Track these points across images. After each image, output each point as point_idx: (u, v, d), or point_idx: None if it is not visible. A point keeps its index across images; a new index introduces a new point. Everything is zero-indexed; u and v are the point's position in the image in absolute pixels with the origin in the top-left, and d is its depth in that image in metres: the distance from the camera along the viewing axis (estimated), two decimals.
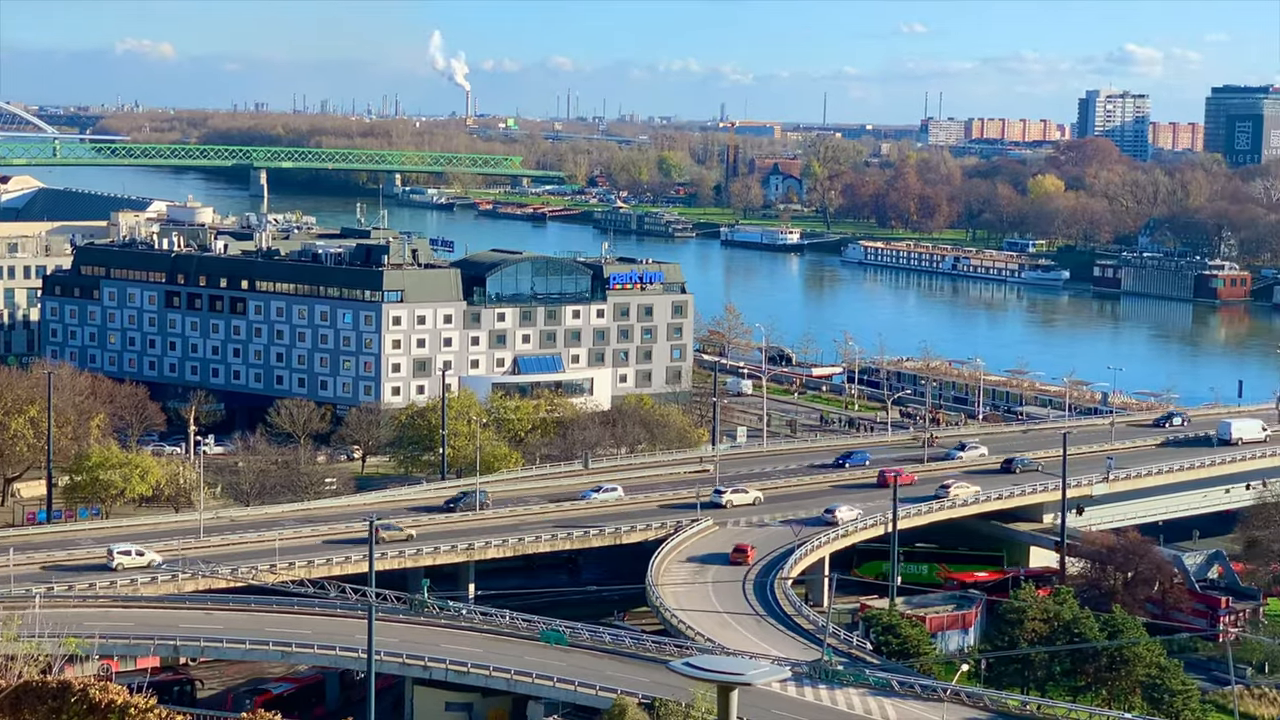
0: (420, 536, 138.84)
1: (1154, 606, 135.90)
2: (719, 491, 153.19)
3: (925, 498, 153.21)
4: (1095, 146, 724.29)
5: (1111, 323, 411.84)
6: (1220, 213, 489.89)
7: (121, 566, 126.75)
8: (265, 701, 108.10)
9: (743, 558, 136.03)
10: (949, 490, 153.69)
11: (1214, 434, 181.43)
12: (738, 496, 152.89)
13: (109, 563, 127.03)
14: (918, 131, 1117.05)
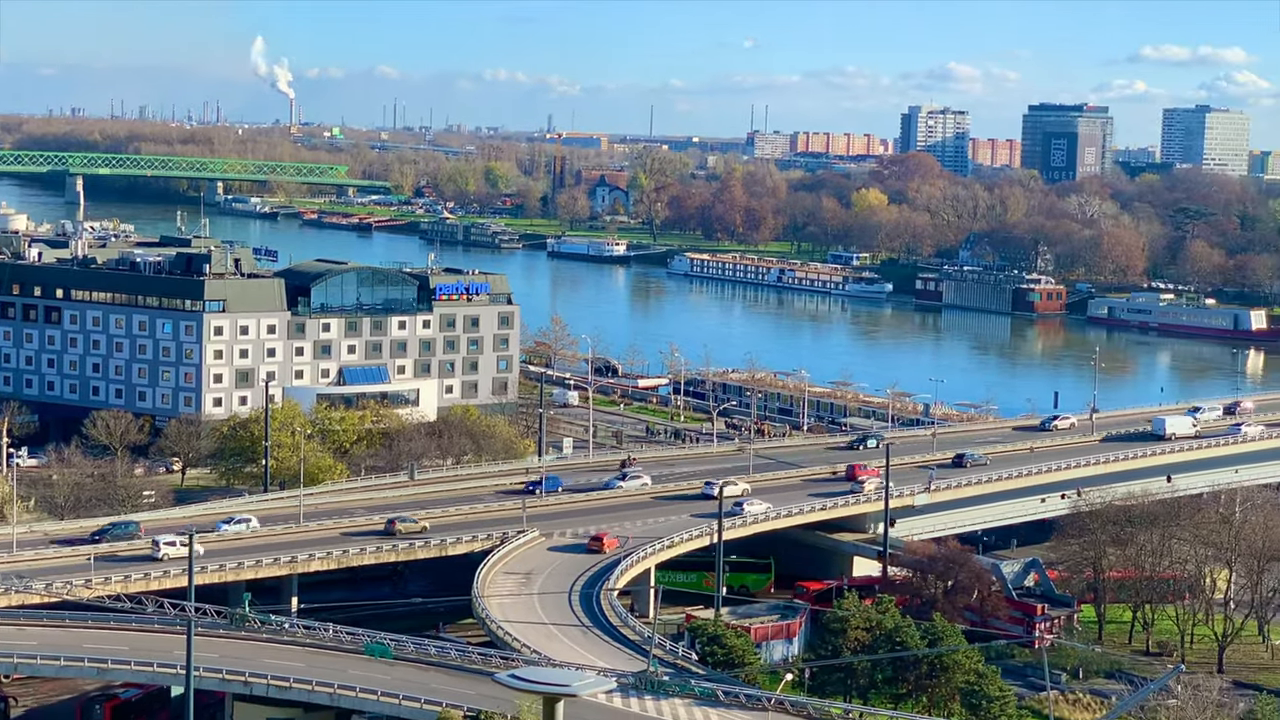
0: (240, 550, 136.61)
1: (973, 614, 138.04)
2: (710, 484, 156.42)
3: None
4: (917, 161, 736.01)
5: (933, 335, 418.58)
6: (1037, 228, 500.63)
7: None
8: (115, 707, 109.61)
9: (599, 545, 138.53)
10: (743, 507, 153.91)
11: (1149, 429, 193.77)
12: (728, 489, 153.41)
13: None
14: (744, 144, 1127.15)
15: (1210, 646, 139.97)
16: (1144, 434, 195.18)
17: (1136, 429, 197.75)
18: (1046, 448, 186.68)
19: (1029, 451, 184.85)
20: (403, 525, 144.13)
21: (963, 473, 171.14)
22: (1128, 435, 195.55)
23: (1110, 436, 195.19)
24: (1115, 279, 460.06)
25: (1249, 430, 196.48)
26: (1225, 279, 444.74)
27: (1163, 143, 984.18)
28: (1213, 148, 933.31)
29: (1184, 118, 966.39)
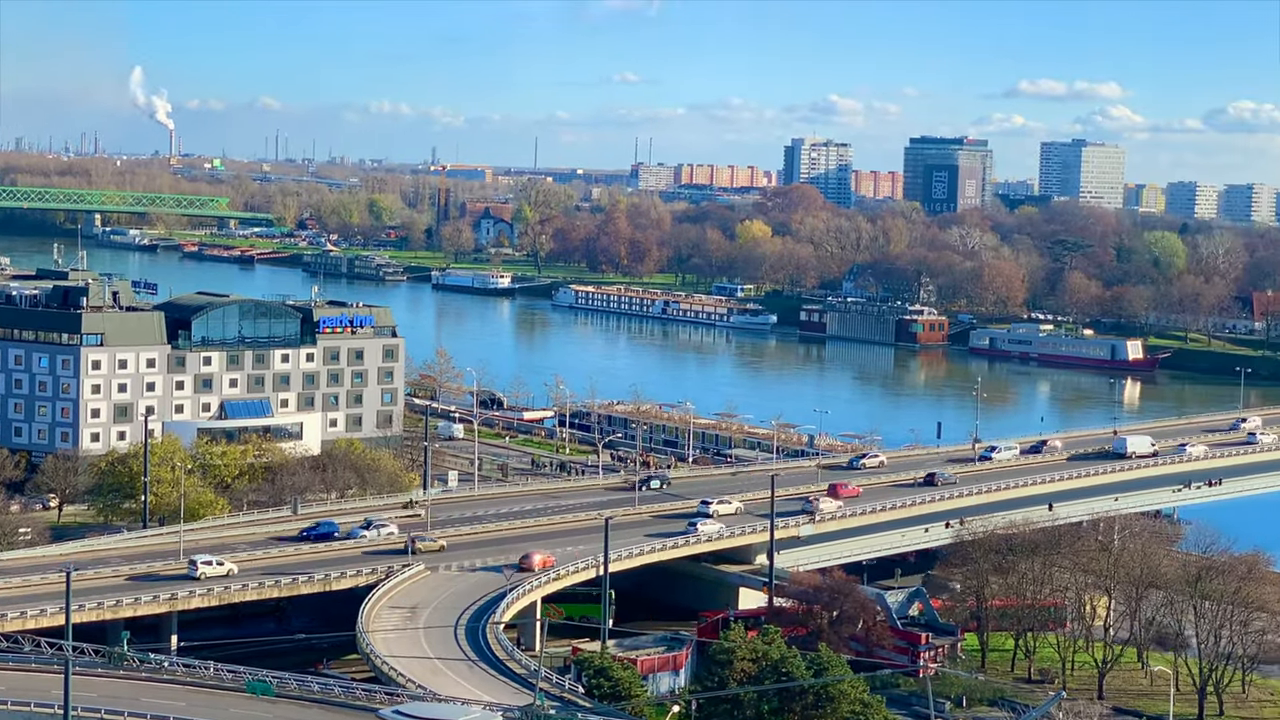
0: (118, 587, 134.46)
1: (858, 644, 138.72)
2: (705, 503, 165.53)
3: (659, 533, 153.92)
4: (801, 193, 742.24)
5: (817, 366, 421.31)
6: (919, 259, 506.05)
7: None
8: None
9: (529, 565, 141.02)
10: (697, 527, 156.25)
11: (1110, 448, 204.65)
12: (722, 507, 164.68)
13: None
14: (629, 176, 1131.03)
15: (1090, 673, 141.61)
16: (1106, 453, 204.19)
17: (1100, 448, 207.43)
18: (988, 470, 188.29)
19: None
20: (422, 545, 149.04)
21: (848, 504, 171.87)
22: (1092, 455, 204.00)
23: (1076, 456, 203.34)
24: (996, 310, 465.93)
25: (1193, 450, 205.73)
26: (1103, 310, 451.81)
27: (1041, 176, 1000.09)
28: (1089, 181, 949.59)
29: (1061, 151, 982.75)
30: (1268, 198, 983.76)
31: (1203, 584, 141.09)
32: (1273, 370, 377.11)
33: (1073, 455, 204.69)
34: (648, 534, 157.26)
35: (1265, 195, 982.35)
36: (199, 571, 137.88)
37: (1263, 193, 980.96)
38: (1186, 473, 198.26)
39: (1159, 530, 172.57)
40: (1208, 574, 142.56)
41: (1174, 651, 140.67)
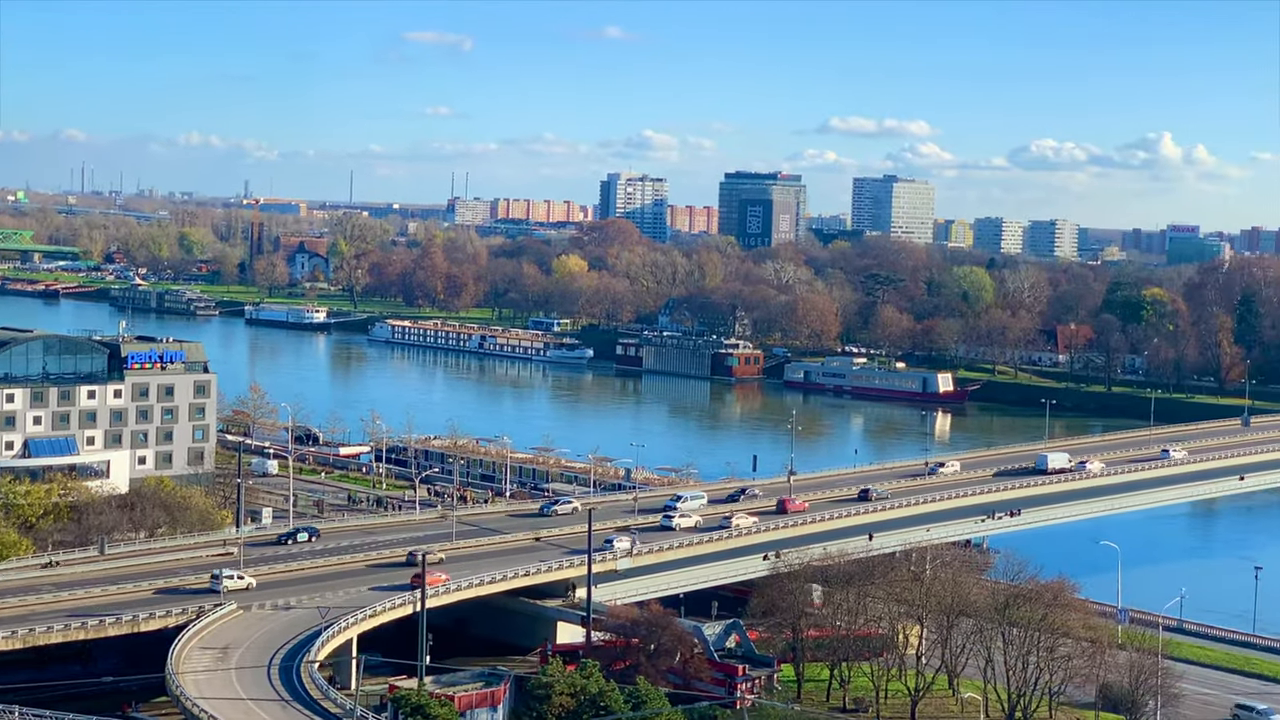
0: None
1: (675, 676, 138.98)
2: (670, 504, 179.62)
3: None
4: (617, 228, 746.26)
5: (634, 400, 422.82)
6: (735, 293, 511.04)
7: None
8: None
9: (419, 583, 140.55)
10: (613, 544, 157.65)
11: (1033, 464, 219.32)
12: (688, 511, 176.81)
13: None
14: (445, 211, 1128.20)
15: (904, 701, 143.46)
16: (1029, 469, 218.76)
17: (1022, 465, 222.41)
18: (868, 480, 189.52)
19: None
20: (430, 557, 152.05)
21: (666, 537, 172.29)
22: (1016, 470, 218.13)
23: (1001, 472, 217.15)
24: (810, 343, 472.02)
25: (1092, 467, 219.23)
26: (914, 343, 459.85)
27: (853, 211, 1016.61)
28: (900, 216, 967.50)
29: (873, 187, 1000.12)
30: (1070, 233, 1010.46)
31: (1010, 611, 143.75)
32: (1076, 402, 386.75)
33: (998, 471, 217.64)
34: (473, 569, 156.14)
35: (1068, 231, 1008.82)
36: (222, 586, 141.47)
37: (1065, 228, 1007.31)
38: (991, 503, 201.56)
39: (969, 560, 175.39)
40: (1015, 602, 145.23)
41: (984, 678, 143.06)
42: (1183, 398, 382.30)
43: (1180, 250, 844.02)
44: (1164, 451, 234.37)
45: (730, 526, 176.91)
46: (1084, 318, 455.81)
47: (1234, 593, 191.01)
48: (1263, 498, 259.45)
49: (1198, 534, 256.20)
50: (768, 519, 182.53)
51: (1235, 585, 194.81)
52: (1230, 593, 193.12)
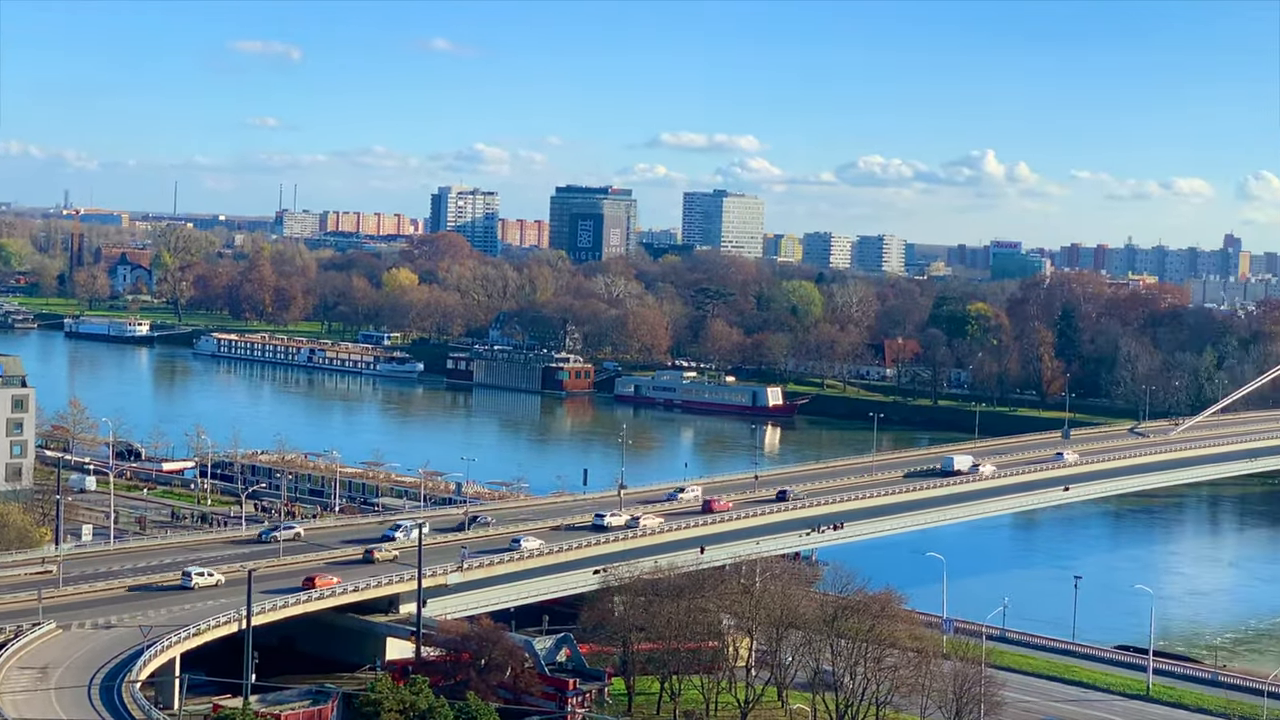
0: None
1: (506, 691, 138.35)
2: (600, 515, 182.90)
3: (285, 590, 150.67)
4: (448, 241, 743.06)
5: (465, 414, 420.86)
6: (566, 307, 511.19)
7: None
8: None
9: (310, 584, 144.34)
10: (314, 582, 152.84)
11: (939, 466, 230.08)
12: (615, 520, 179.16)
13: None
14: (273, 223, 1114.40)
15: (734, 713, 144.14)
16: (935, 470, 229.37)
17: (930, 467, 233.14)
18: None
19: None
20: (380, 554, 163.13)
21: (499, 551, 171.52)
22: (924, 472, 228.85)
23: (910, 474, 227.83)
24: (641, 357, 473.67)
25: (984, 469, 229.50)
26: (744, 357, 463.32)
27: (684, 225, 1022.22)
28: (730, 230, 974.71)
29: (703, 201, 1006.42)
30: (897, 248, 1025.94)
31: (839, 623, 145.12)
32: (904, 415, 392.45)
33: (907, 473, 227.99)
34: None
35: (895, 246, 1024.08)
36: (193, 583, 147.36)
37: (892, 243, 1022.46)
38: (815, 517, 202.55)
39: (798, 572, 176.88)
40: (844, 613, 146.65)
41: (812, 690, 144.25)
42: (1006, 411, 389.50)
43: (1003, 266, 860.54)
44: (972, 467, 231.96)
45: (638, 526, 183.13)
46: (911, 332, 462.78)
47: (1055, 602, 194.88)
48: (1082, 508, 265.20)
49: (1020, 545, 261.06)
50: (679, 519, 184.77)
51: (1056, 594, 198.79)
52: (1051, 602, 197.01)
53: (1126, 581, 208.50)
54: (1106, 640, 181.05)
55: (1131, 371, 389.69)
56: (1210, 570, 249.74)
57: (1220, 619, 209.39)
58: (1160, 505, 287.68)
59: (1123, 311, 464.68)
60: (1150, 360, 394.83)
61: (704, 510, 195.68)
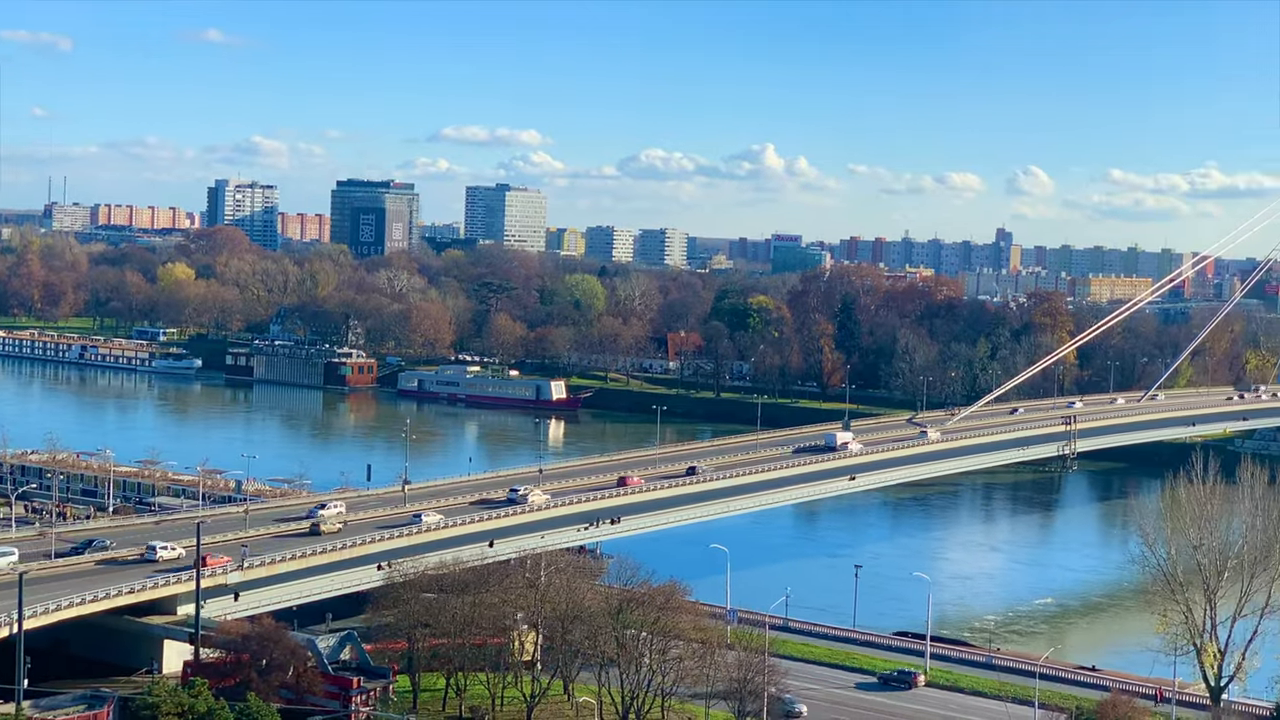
0: None
1: (288, 692, 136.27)
2: (515, 490, 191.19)
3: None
4: (226, 235, 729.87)
5: (245, 410, 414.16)
6: (348, 302, 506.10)
7: None
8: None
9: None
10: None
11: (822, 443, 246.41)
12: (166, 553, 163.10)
13: None
14: (42, 216, 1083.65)
15: (520, 708, 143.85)
16: (819, 446, 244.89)
17: (816, 443, 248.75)
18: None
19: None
20: (326, 526, 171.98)
21: (280, 549, 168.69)
22: (810, 448, 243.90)
23: (798, 449, 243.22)
24: (425, 352, 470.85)
25: (853, 447, 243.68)
26: (528, 351, 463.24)
27: (466, 219, 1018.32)
28: (513, 225, 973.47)
29: (486, 195, 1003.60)
30: (679, 242, 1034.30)
31: (624, 615, 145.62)
32: (687, 408, 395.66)
33: (796, 449, 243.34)
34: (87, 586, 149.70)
35: (677, 239, 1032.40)
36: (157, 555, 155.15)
37: (674, 237, 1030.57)
38: (592, 511, 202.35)
39: (583, 565, 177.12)
40: (628, 606, 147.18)
41: (598, 682, 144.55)
42: (788, 403, 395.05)
43: (784, 259, 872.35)
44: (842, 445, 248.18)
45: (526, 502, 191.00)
46: (693, 325, 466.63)
47: (836, 590, 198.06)
48: (863, 498, 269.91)
49: (802, 535, 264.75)
50: (463, 514, 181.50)
51: (837, 583, 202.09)
52: (832, 590, 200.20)
53: (904, 569, 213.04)
54: (885, 627, 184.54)
55: (909, 363, 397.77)
56: (983, 556, 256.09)
57: (993, 603, 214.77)
58: (937, 494, 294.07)
59: (900, 304, 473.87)
60: (927, 351, 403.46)
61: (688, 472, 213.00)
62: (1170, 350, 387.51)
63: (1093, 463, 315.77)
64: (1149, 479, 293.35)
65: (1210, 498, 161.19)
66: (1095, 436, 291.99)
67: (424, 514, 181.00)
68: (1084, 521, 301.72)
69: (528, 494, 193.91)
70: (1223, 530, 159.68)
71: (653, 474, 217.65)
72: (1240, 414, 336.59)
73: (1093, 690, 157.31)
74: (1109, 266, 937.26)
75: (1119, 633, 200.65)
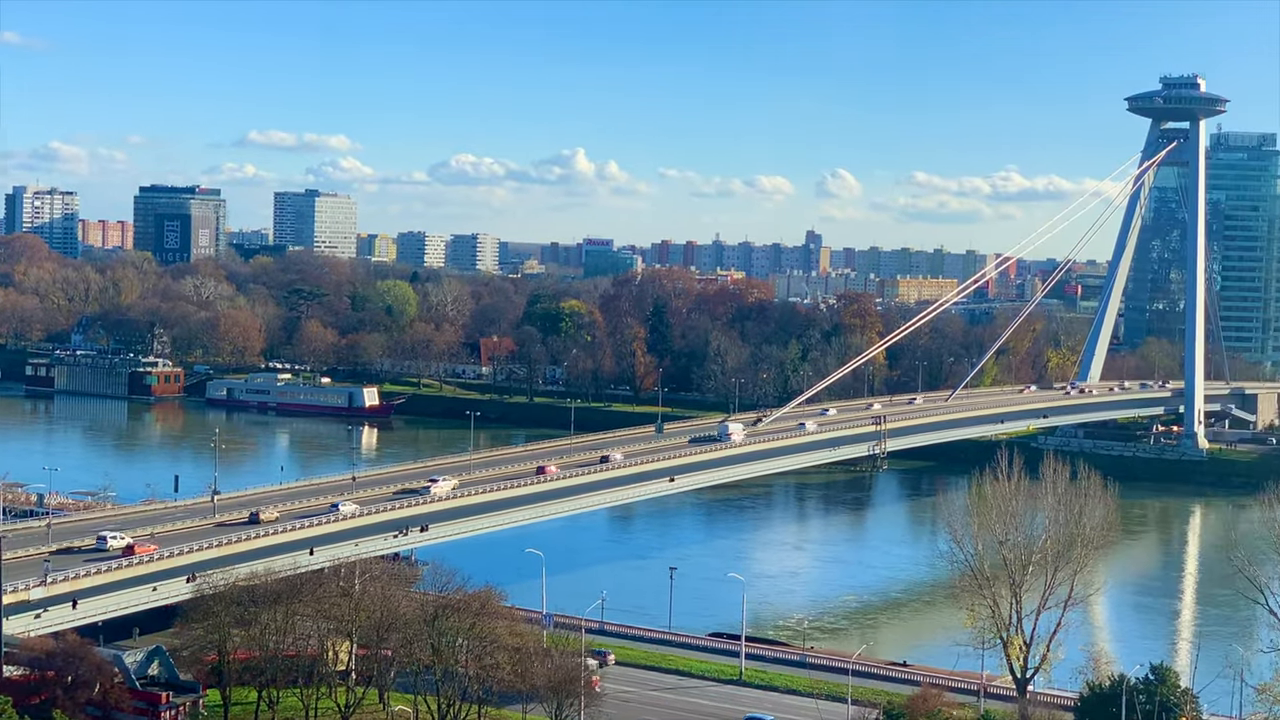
0: None
1: (95, 709, 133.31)
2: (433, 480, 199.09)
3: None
4: (24, 243, 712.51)
5: (46, 422, 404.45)
6: (153, 310, 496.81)
7: None
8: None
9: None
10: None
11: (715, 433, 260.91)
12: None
13: None
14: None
15: (335, 718, 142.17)
16: (711, 436, 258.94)
17: (709, 433, 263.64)
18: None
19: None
20: (265, 514, 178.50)
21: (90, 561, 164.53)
22: (704, 438, 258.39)
23: (694, 439, 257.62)
24: (234, 360, 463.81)
25: (735, 437, 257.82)
26: (339, 358, 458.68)
27: (276, 225, 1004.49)
28: (323, 230, 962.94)
29: (294, 201, 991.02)
30: (491, 247, 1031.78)
31: (440, 622, 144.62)
32: (501, 413, 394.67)
33: (691, 439, 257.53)
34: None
35: (489, 244, 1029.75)
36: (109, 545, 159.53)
37: (486, 242, 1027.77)
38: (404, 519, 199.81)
39: (398, 573, 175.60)
40: (444, 613, 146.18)
41: (414, 691, 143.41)
42: (601, 406, 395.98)
43: (596, 263, 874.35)
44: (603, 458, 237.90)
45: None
46: (506, 330, 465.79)
47: (651, 592, 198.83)
48: (677, 501, 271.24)
49: (617, 539, 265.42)
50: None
51: (652, 585, 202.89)
52: (647, 593, 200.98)
53: (719, 570, 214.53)
54: (701, 628, 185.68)
55: (721, 365, 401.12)
56: (796, 556, 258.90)
57: (805, 602, 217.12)
58: (749, 497, 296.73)
59: (712, 307, 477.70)
60: (739, 354, 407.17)
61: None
62: (976, 349, 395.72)
63: (903, 461, 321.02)
64: (957, 477, 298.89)
65: (1015, 494, 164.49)
66: (905, 436, 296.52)
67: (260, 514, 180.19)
68: (894, 520, 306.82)
69: (340, 504, 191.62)
70: (1027, 525, 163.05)
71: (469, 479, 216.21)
72: (1041, 411, 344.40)
73: (904, 685, 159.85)
74: (916, 268, 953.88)
75: (929, 628, 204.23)
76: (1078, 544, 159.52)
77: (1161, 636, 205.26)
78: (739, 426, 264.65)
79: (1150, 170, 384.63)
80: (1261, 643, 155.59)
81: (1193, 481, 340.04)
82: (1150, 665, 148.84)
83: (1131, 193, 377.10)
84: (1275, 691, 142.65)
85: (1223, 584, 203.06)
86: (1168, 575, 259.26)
